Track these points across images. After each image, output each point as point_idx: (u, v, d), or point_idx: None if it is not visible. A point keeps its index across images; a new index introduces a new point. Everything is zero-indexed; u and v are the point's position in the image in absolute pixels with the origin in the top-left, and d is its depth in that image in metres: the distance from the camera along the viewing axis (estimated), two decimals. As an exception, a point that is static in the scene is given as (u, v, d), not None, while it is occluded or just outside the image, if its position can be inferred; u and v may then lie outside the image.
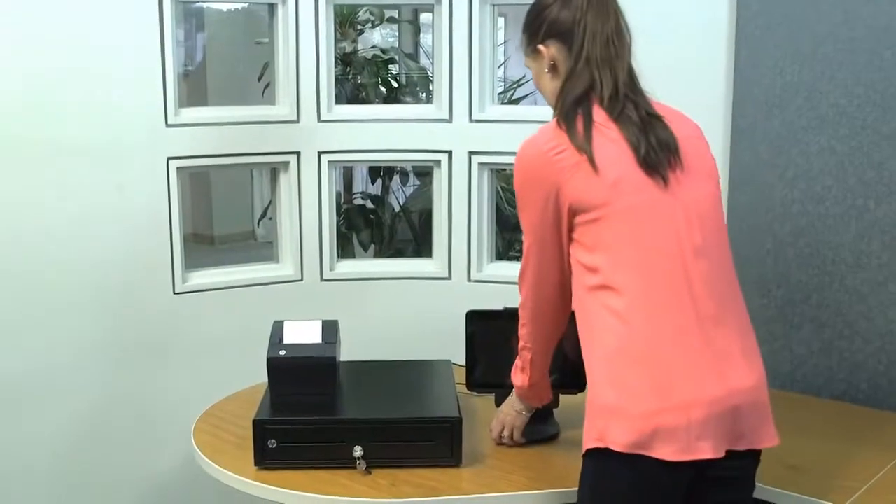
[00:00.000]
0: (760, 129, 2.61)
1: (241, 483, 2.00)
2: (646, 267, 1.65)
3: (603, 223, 1.67)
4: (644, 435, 1.60)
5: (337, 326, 2.26)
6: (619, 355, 1.64)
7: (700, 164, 1.77)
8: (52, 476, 2.80)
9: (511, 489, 1.95)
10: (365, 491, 1.94)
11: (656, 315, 1.64)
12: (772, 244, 2.62)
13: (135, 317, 2.84)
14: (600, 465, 1.66)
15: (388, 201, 5.42)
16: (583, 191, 1.68)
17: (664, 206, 1.68)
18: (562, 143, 1.70)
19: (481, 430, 2.22)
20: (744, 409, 1.66)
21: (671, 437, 1.60)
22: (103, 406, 2.83)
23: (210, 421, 2.31)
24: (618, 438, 1.62)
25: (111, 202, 2.75)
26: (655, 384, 1.62)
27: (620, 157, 1.69)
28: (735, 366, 1.67)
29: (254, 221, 8.42)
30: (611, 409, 1.64)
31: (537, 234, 1.77)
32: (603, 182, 1.67)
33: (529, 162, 1.75)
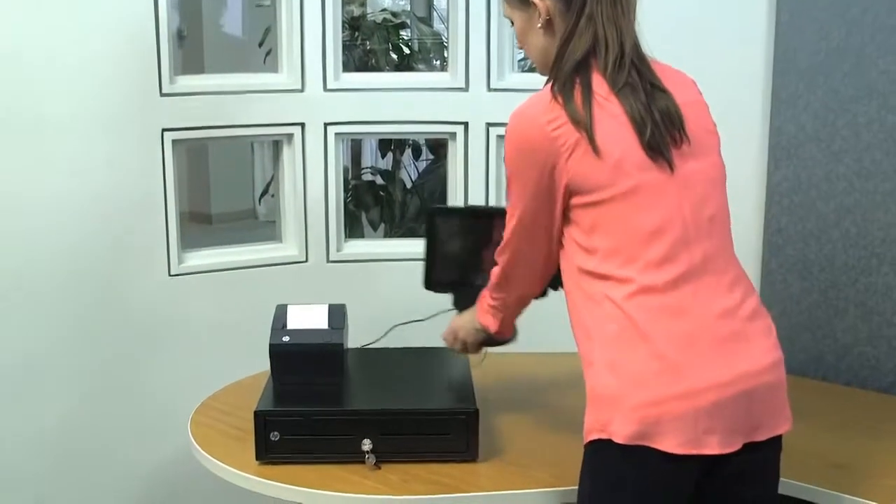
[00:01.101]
0: (803, 98, 2.60)
1: (241, 479, 2.01)
2: (648, 251, 1.65)
3: (603, 206, 1.66)
4: (646, 425, 1.60)
5: (344, 311, 2.27)
6: (619, 341, 1.64)
7: (704, 134, 1.76)
8: (38, 475, 2.82)
9: (532, 486, 1.96)
10: (374, 487, 1.95)
11: (659, 300, 1.64)
12: (815, 223, 2.61)
13: (127, 301, 2.85)
14: (601, 457, 1.67)
15: (399, 177, 5.42)
16: (582, 172, 1.66)
17: (668, 188, 1.67)
18: (560, 117, 1.67)
19: (500, 423, 2.22)
20: (758, 393, 1.65)
21: (676, 427, 1.60)
22: (93, 399, 2.85)
23: (208, 412, 2.33)
24: (619, 429, 1.62)
25: (100, 178, 2.76)
26: (658, 370, 1.62)
27: (623, 136, 1.67)
28: (746, 347, 1.66)
29: (255, 198, 8.45)
30: (611, 397, 1.64)
31: (527, 211, 1.75)
32: (604, 164, 1.65)
33: (524, 135, 1.71)
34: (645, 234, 1.66)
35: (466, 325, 2.12)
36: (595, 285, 1.69)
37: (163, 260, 2.89)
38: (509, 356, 2.63)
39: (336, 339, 2.18)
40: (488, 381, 2.40)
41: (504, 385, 2.48)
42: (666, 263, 1.65)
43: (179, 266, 2.93)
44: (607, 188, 1.66)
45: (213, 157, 8.38)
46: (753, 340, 1.68)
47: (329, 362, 2.18)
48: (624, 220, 1.66)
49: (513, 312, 2.03)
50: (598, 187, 1.66)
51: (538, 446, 2.13)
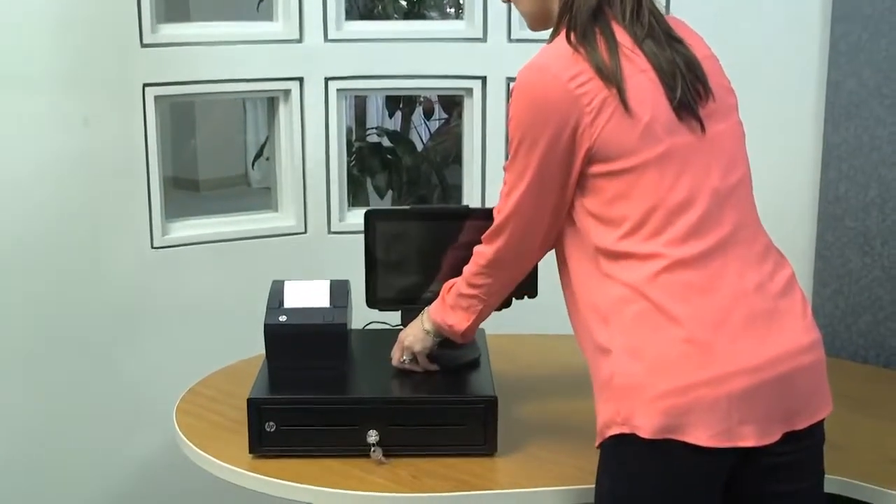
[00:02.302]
0: (866, 50, 2.58)
1: (233, 474, 2.02)
2: (676, 223, 1.64)
3: (629, 174, 1.65)
4: (674, 416, 1.60)
5: (348, 287, 2.28)
6: (641, 324, 1.64)
7: (724, 92, 1.76)
8: (8, 471, 2.84)
9: (555, 483, 1.97)
10: (381, 484, 1.96)
11: (686, 276, 1.63)
12: (877, 191, 2.60)
13: (105, 277, 2.87)
14: (622, 453, 1.67)
15: (408, 138, 5.42)
16: (609, 135, 1.64)
17: (697, 152, 1.67)
18: (584, 72, 1.64)
19: (521, 412, 2.23)
20: (795, 377, 1.65)
21: (707, 417, 1.60)
22: (66, 387, 2.86)
23: (196, 401, 2.34)
24: (644, 422, 1.61)
25: (73, 141, 2.77)
26: (686, 353, 1.61)
27: (653, 93, 1.65)
28: (780, 326, 1.66)
29: (247, 162, 8.47)
30: (634, 386, 1.63)
31: (534, 182, 1.72)
32: (634, 125, 1.63)
33: (541, 93, 1.67)
34: (673, 204, 1.65)
35: (412, 328, 2.11)
36: (613, 263, 1.68)
37: (145, 231, 2.90)
38: (531, 338, 2.64)
39: (338, 318, 2.19)
40: (508, 367, 2.40)
41: (526, 370, 2.49)
42: (694, 236, 1.65)
43: (163, 238, 2.94)
44: (636, 154, 1.64)
45: (201, 117, 8.39)
46: (787, 318, 1.68)
47: (331, 344, 2.18)
48: (651, 189, 1.65)
49: (492, 304, 2.00)
50: (625, 153, 1.64)
51: (563, 439, 2.13)
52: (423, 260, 2.25)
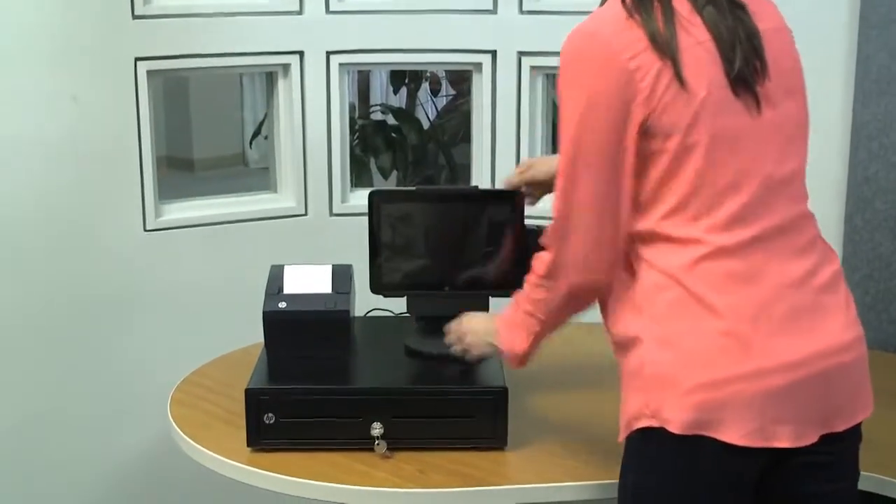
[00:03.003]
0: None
1: (230, 468, 2.03)
2: (719, 209, 1.63)
3: (677, 154, 1.63)
4: (706, 411, 1.60)
5: (350, 272, 2.28)
6: (676, 313, 1.64)
7: (790, 71, 1.73)
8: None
9: (568, 478, 1.97)
10: (385, 479, 1.97)
11: (726, 265, 1.63)
12: (910, 171, 2.60)
13: (95, 262, 2.87)
14: (650, 448, 1.67)
15: (414, 116, 5.41)
16: (663, 111, 1.62)
17: (751, 134, 1.65)
18: (638, 41, 1.63)
19: (532, 404, 2.24)
20: (835, 375, 1.65)
21: (741, 414, 1.60)
22: (56, 377, 2.87)
23: (191, 390, 2.35)
24: (674, 415, 1.61)
25: (62, 118, 2.77)
26: (723, 346, 1.61)
27: (710, 67, 1.63)
28: (822, 321, 1.66)
29: (244, 141, 8.46)
30: (665, 378, 1.63)
31: (591, 161, 1.65)
32: (688, 101, 1.62)
33: (591, 61, 1.65)
34: (719, 187, 1.63)
35: (479, 334, 2.03)
36: (650, 248, 1.68)
37: (137, 213, 2.90)
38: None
39: (341, 305, 2.20)
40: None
41: (538, 360, 2.48)
42: (739, 223, 1.64)
43: (157, 220, 2.94)
44: (687, 132, 1.62)
45: (196, 92, 8.38)
46: (830, 314, 1.67)
47: (333, 332, 2.19)
48: (699, 170, 1.63)
49: (557, 319, 1.85)
50: (677, 129, 1.62)
51: (576, 432, 2.14)
52: (430, 243, 2.25)
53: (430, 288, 2.22)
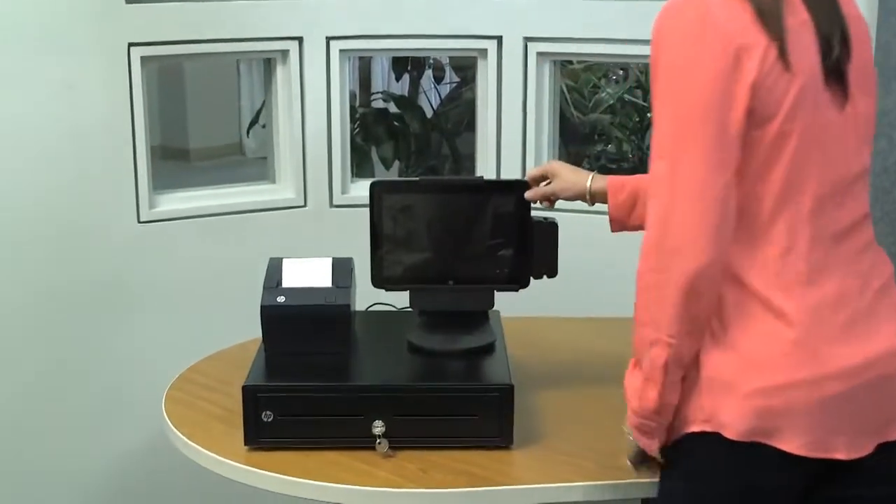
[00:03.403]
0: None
1: (226, 467, 2.03)
2: (789, 209, 1.61)
3: (763, 146, 1.59)
4: (766, 417, 1.59)
5: (351, 266, 2.28)
6: (737, 311, 1.63)
7: (865, 62, 1.70)
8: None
9: (576, 478, 1.97)
10: (387, 478, 1.96)
11: (792, 264, 1.62)
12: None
13: (87, 254, 2.87)
14: (702, 453, 1.66)
15: (417, 104, 5.41)
16: (765, 94, 1.57)
17: (833, 131, 1.62)
18: (743, 13, 1.56)
19: (539, 402, 2.24)
20: (891, 381, 1.64)
21: (802, 422, 1.59)
22: (47, 374, 2.87)
23: (187, 388, 2.35)
24: (732, 421, 1.61)
25: (53, 106, 2.77)
26: (786, 349, 1.60)
27: (809, 53, 1.59)
28: (879, 327, 1.65)
29: (241, 130, 8.46)
30: (723, 381, 1.62)
31: (700, 138, 1.57)
32: (790, 86, 1.57)
33: (694, 34, 1.57)
34: (796, 184, 1.61)
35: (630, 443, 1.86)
36: None
37: (131, 204, 2.90)
38: (551, 321, 2.64)
39: (341, 299, 2.19)
40: (526, 352, 2.40)
41: (545, 356, 2.49)
42: (808, 223, 1.62)
43: (151, 211, 2.94)
44: (782, 121, 1.58)
45: (192, 79, 8.38)
46: (884, 319, 1.66)
47: (333, 328, 2.19)
48: (782, 164, 1.60)
49: (688, 360, 1.65)
50: (773, 116, 1.58)
51: (584, 430, 2.14)
52: (433, 236, 2.24)
53: (433, 282, 2.22)
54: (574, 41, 2.97)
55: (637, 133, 5.35)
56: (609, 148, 5.44)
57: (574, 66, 5.31)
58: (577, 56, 4.32)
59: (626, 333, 2.58)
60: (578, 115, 5.27)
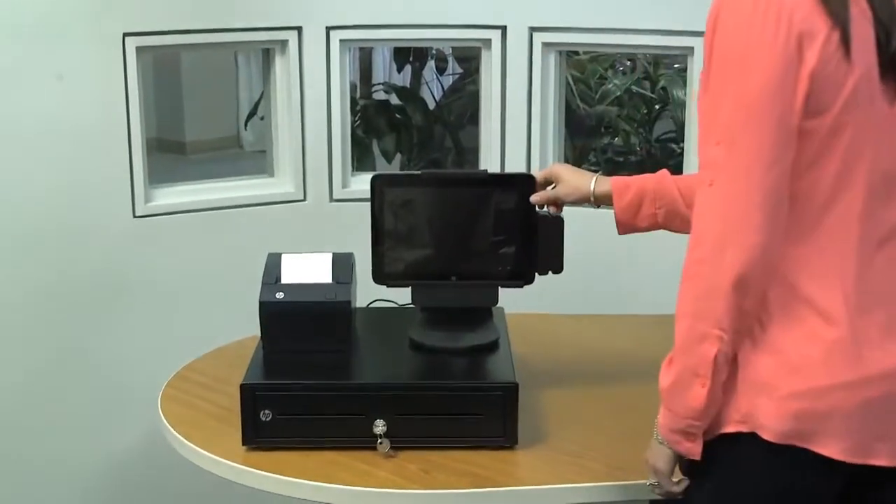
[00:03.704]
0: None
1: (224, 468, 2.03)
2: (837, 206, 1.59)
3: (816, 138, 1.56)
4: (806, 420, 1.58)
5: (352, 261, 2.28)
6: (779, 309, 1.61)
7: None
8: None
9: (583, 479, 1.97)
10: (388, 479, 1.96)
11: (838, 266, 1.60)
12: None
13: (81, 250, 2.87)
14: (734, 456, 1.65)
15: (419, 96, 5.41)
16: (823, 81, 1.54)
17: (883, 126, 1.59)
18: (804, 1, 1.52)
19: (545, 400, 2.24)
20: None
21: (842, 426, 1.58)
22: (41, 372, 2.88)
23: (183, 386, 2.35)
24: (770, 422, 1.59)
25: (48, 97, 2.77)
26: (828, 349, 1.58)
27: (868, 44, 1.55)
28: None
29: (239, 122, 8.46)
30: (762, 380, 1.61)
31: (772, 132, 1.54)
32: (848, 77, 1.54)
33: (756, 15, 1.53)
34: (845, 180, 1.58)
35: (652, 445, 1.77)
36: None
37: (126, 198, 2.90)
38: (557, 318, 2.64)
39: (342, 295, 2.19)
40: (530, 349, 2.40)
41: (551, 354, 2.49)
42: (857, 221, 1.59)
43: (146, 206, 2.94)
44: (838, 113, 1.55)
45: (188, 70, 8.38)
46: None
47: (333, 324, 2.19)
48: (833, 160, 1.57)
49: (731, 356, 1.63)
50: (827, 108, 1.55)
51: (591, 430, 2.14)
52: (436, 231, 2.24)
53: (435, 278, 2.22)
54: (580, 31, 2.97)
55: (645, 125, 5.35)
56: (616, 141, 5.43)
57: (580, 57, 5.30)
58: (584, 46, 4.31)
59: (635, 330, 2.59)
60: (584, 107, 5.26)
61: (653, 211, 2.08)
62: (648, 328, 2.35)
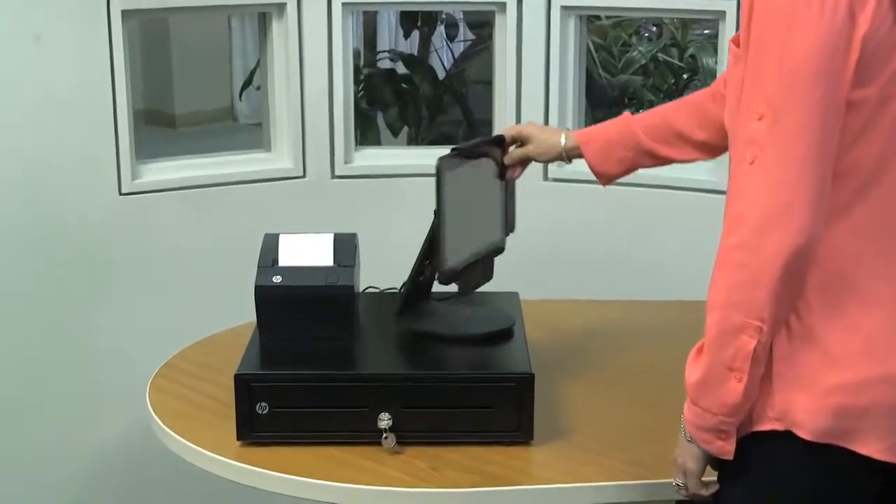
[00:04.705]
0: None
1: (217, 464, 2.04)
2: (885, 178, 1.59)
3: (861, 111, 1.55)
4: (846, 418, 1.58)
5: (355, 242, 2.28)
6: (821, 295, 1.60)
7: None
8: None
9: (603, 478, 1.97)
10: (394, 477, 1.97)
11: (884, 248, 1.60)
12: None
13: (63, 230, 2.88)
14: (769, 456, 1.65)
15: (428, 64, 5.40)
16: (874, 48, 1.52)
17: None
18: None
19: (562, 392, 2.24)
20: None
21: (883, 423, 1.58)
22: (21, 359, 2.89)
23: (173, 376, 2.35)
24: (807, 419, 1.60)
25: (24, 66, 2.77)
26: (872, 340, 1.59)
27: None
28: None
29: (233, 93, 8.47)
30: (799, 374, 1.61)
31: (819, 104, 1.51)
32: None
33: None
34: (887, 158, 1.58)
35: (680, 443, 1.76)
36: None
37: (111, 174, 2.91)
38: (575, 304, 2.65)
39: (345, 279, 2.20)
40: (547, 338, 2.41)
41: (569, 342, 2.50)
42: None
43: (133, 182, 2.95)
44: (885, 83, 1.55)
45: (177, 38, 8.38)
46: None
47: (335, 310, 2.19)
48: (876, 134, 1.57)
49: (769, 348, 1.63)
50: (874, 78, 1.54)
51: (612, 425, 2.14)
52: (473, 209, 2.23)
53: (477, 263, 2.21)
54: (602, -6, 2.98)
55: (672, 96, 5.34)
56: (641, 113, 5.44)
57: (602, 22, 5.29)
58: (606, 10, 4.32)
59: (659, 317, 2.59)
60: (607, 77, 5.26)
61: (622, 154, 2.18)
62: (678, 315, 2.35)
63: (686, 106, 2.19)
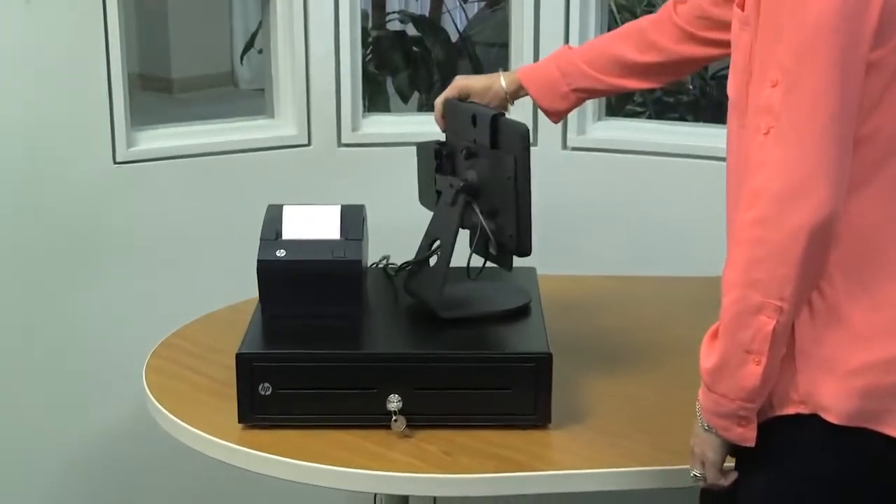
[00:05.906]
0: None
1: (217, 448, 2.05)
2: None
3: (882, 71, 1.54)
4: (875, 399, 1.59)
5: (363, 215, 2.28)
6: (845, 271, 1.60)
7: None
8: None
9: (622, 463, 1.98)
10: (404, 462, 1.97)
11: None
12: None
13: (55, 201, 2.89)
14: (794, 441, 1.66)
15: (440, 26, 5.40)
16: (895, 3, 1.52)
17: None
18: None
19: (581, 374, 2.25)
20: None
21: None
22: (11, 337, 2.90)
23: (171, 355, 2.36)
24: (834, 402, 1.60)
25: (12, 24, 2.77)
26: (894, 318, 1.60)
27: None
28: None
29: (233, 56, 8.46)
30: (824, 353, 1.61)
31: (838, 66, 1.50)
32: None
33: None
34: None
35: (697, 431, 1.76)
36: None
37: (105, 141, 2.91)
38: (593, 279, 2.65)
39: (352, 253, 2.20)
40: (565, 316, 2.41)
41: (587, 320, 2.50)
42: None
43: (128, 150, 2.95)
44: None
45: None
46: None
47: (341, 287, 2.20)
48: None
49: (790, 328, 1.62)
50: (893, 35, 1.53)
51: (633, 408, 2.15)
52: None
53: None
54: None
55: (699, 60, 5.32)
56: (665, 78, 5.41)
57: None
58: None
59: (682, 293, 2.60)
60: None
61: (566, 90, 2.25)
62: (701, 291, 2.35)
63: (624, 32, 2.29)
